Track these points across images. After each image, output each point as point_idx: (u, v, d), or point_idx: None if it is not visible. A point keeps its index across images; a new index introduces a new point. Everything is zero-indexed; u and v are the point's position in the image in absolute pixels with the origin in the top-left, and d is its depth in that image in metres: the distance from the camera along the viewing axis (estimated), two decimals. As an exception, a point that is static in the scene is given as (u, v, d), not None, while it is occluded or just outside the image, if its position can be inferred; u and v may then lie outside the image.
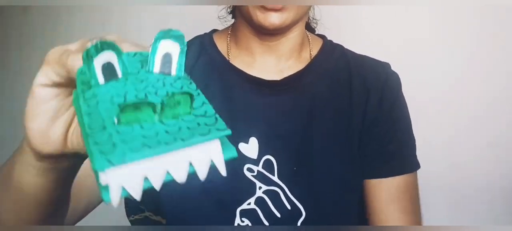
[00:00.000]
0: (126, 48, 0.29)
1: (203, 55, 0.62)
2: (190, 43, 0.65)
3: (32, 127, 0.32)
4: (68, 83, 0.31)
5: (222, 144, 0.26)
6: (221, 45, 0.63)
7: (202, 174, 0.25)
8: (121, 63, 0.27)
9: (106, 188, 0.23)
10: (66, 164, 0.36)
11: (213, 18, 0.70)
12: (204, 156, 0.25)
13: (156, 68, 0.28)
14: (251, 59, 0.61)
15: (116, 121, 0.24)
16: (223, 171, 0.26)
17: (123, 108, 0.24)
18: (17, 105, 0.83)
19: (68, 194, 0.44)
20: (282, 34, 0.58)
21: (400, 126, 0.61)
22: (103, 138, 0.23)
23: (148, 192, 0.24)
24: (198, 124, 0.25)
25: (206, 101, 0.27)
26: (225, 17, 0.68)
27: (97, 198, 0.57)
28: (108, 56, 0.26)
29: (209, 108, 0.27)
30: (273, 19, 0.52)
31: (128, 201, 0.61)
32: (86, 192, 0.53)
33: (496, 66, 0.94)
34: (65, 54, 0.30)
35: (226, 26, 0.67)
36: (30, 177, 0.36)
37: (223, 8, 0.68)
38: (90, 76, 0.26)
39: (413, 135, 0.62)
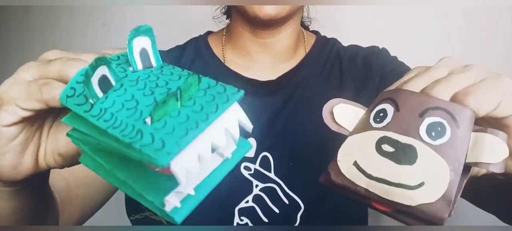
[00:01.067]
0: (90, 59, 0.30)
1: (198, 59, 0.62)
2: (185, 46, 0.65)
3: (1, 164, 0.32)
4: (37, 113, 0.31)
5: (239, 141, 0.30)
6: (216, 47, 0.63)
7: (237, 134, 0.29)
8: (112, 73, 0.29)
9: (174, 212, 0.26)
10: (37, 181, 0.36)
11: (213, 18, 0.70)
12: (233, 118, 0.28)
13: (139, 65, 0.31)
14: (246, 59, 0.61)
15: (149, 120, 0.26)
16: (249, 127, 0.30)
17: (154, 107, 0.26)
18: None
19: (46, 204, 0.43)
20: (277, 28, 0.58)
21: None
22: (148, 140, 0.24)
23: None
24: (213, 96, 0.28)
25: (201, 75, 0.30)
26: (219, 17, 0.68)
27: (90, 208, 0.58)
28: (101, 70, 0.28)
29: (209, 80, 0.30)
30: (268, 9, 0.52)
31: (128, 201, 0.61)
32: (78, 201, 0.53)
33: (498, 67, 0.93)
34: (33, 86, 0.29)
35: (221, 27, 0.67)
36: (2, 202, 0.36)
37: (217, 8, 0.68)
38: (90, 95, 0.28)
39: None
